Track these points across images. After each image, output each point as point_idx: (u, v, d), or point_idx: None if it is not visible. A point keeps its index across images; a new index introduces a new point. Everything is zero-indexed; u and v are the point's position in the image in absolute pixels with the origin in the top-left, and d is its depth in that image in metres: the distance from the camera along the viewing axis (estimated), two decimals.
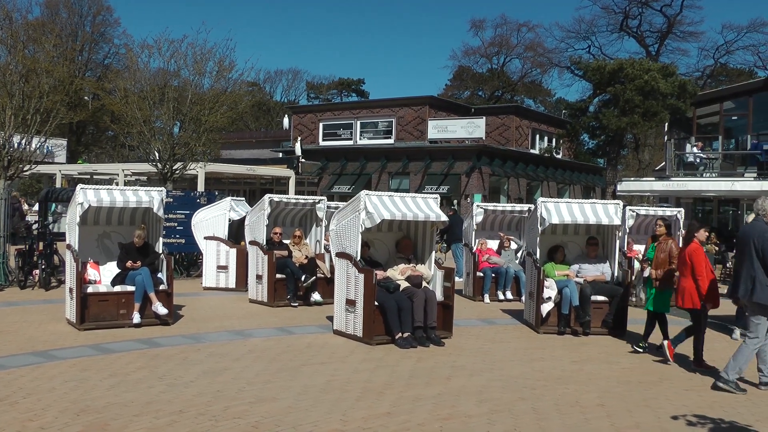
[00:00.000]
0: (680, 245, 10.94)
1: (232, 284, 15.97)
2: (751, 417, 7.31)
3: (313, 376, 8.24)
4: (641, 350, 10.41)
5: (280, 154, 48.64)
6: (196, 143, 24.44)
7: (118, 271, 11.49)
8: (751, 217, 11.09)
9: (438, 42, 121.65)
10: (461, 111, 48.27)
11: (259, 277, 14.07)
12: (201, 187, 36.21)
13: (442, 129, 43.58)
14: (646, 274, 14.09)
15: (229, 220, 16.50)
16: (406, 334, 10.25)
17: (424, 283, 11.05)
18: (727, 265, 22.46)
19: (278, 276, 13.79)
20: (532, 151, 47.77)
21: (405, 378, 8.33)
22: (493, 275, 15.64)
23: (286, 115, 53.58)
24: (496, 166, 40.96)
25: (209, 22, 37.62)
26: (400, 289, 10.70)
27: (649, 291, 10.66)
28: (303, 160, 42.32)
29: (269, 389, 7.61)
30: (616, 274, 12.37)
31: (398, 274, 11.01)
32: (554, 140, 49.72)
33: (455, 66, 78.21)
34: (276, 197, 14.58)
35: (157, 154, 24.25)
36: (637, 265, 15.92)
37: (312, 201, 15.08)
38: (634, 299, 14.93)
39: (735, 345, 11.41)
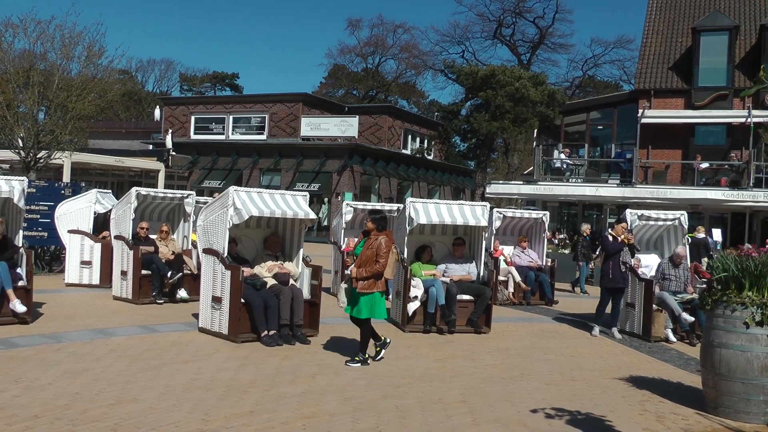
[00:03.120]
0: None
1: (96, 280, 15.42)
2: (606, 408, 7.66)
3: (176, 376, 8.09)
4: (358, 362, 9.19)
5: (151, 147, 47.46)
6: (62, 131, 23.39)
7: None
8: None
9: (314, 39, 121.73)
10: (335, 109, 48.42)
11: (123, 273, 13.70)
12: (66, 177, 34.91)
13: (315, 127, 43.60)
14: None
15: (95, 213, 15.99)
16: (272, 332, 10.22)
17: (291, 281, 11.03)
18: (590, 266, 23.29)
19: (144, 272, 13.46)
20: (404, 151, 48.34)
21: (270, 376, 8.30)
22: None
23: (158, 107, 52.45)
24: (367, 165, 41.25)
25: (79, 5, 36.32)
26: (267, 286, 10.65)
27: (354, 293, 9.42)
28: (174, 153, 41.45)
29: (130, 390, 7.42)
30: (481, 273, 12.69)
31: (265, 271, 10.94)
32: (426, 141, 50.47)
33: (330, 64, 78.44)
34: (143, 190, 14.24)
35: (20, 142, 23.20)
36: (503, 265, 16.41)
37: (180, 195, 14.82)
38: (499, 297, 15.43)
39: (594, 341, 11.96)
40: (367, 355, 9.27)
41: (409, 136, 50.34)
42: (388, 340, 9.69)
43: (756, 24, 31.74)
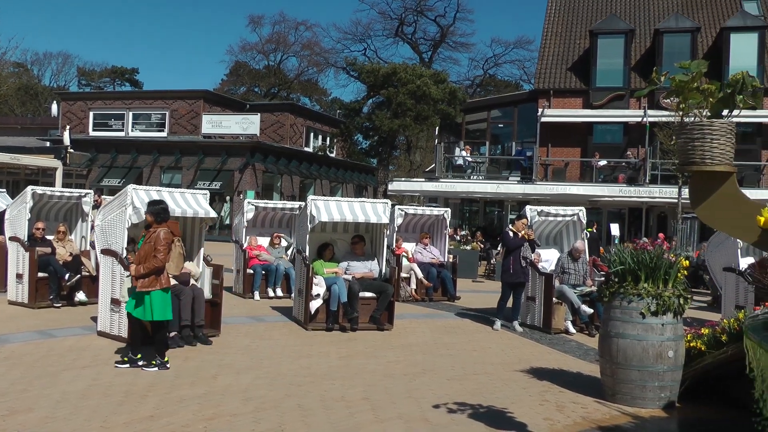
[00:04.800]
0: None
1: None
2: (507, 400, 7.77)
3: (74, 382, 7.82)
4: (126, 364, 8.60)
5: (48, 143, 45.90)
6: None
7: None
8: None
9: (215, 35, 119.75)
10: (236, 106, 47.88)
11: (19, 276, 13.17)
12: None
13: (217, 124, 43.02)
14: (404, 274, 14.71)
15: None
16: (173, 334, 9.99)
17: (192, 281, 10.83)
18: (492, 261, 23.70)
19: (40, 275, 12.98)
20: (306, 149, 48.15)
21: (170, 379, 8.12)
22: (263, 272, 15.60)
23: (55, 102, 50.74)
24: (269, 163, 40.94)
25: None
26: None
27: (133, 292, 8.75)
28: (71, 150, 40.23)
29: (25, 399, 7.12)
30: (383, 270, 12.71)
31: None
32: (328, 139, 50.38)
33: (232, 61, 77.41)
34: (39, 189, 13.73)
35: None
36: (405, 261, 16.49)
37: (78, 194, 14.38)
38: (402, 294, 15.51)
39: (495, 335, 12.11)
40: (166, 358, 8.64)
41: (312, 134, 50.19)
42: (168, 366, 8.61)
43: (651, 28, 32.77)
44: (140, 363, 8.55)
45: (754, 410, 3.27)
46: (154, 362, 8.59)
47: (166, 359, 8.65)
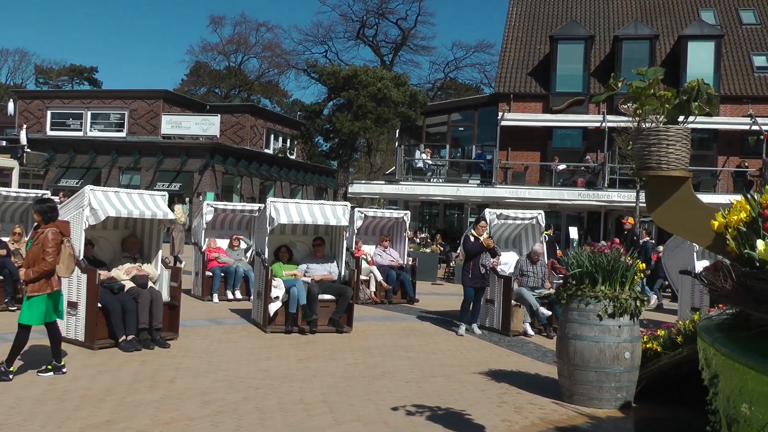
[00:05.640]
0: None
1: None
2: (465, 402, 7.80)
3: (28, 388, 7.68)
4: (50, 372, 8.26)
5: (4, 143, 45.24)
6: None
7: None
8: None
9: (176, 35, 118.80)
10: (196, 107, 47.57)
11: None
12: None
13: (176, 125, 42.68)
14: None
15: None
16: (130, 337, 9.90)
17: (150, 283, 10.73)
18: (451, 264, 23.79)
19: None
20: (266, 150, 47.97)
21: (127, 383, 8.03)
22: (222, 274, 15.51)
23: (11, 100, 49.96)
24: (229, 164, 40.70)
25: None
26: (125, 289, 10.32)
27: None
28: (28, 150, 39.70)
29: None
30: (343, 273, 12.70)
31: (123, 274, 10.60)
32: (289, 141, 50.25)
33: (192, 61, 76.88)
34: None
35: None
36: (365, 264, 16.49)
37: (35, 195, 14.18)
38: (361, 297, 15.51)
39: (454, 337, 12.15)
40: (62, 362, 8.35)
41: (272, 136, 50.01)
42: (65, 370, 8.33)
43: (610, 35, 33.17)
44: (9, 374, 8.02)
45: (708, 410, 3.32)
46: (49, 366, 8.28)
47: (62, 363, 8.38)
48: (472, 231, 12.84)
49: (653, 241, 21.40)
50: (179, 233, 20.37)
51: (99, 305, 9.89)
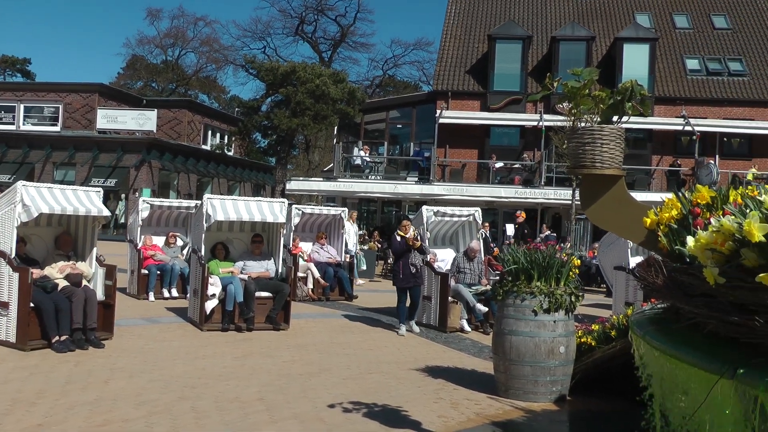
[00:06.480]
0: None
1: None
2: (402, 399, 7.82)
3: None
4: None
5: None
6: None
7: None
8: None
9: (112, 27, 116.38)
10: (133, 101, 46.83)
11: None
12: None
13: (112, 119, 41.92)
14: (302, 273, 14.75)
15: None
16: (64, 337, 9.69)
17: (84, 282, 10.53)
18: (389, 261, 23.82)
19: None
20: (203, 146, 47.51)
21: (61, 384, 7.86)
22: (159, 272, 15.32)
23: None
24: (166, 160, 40.22)
25: None
26: (59, 288, 10.11)
27: None
28: None
29: None
30: (280, 270, 12.65)
31: (57, 272, 10.37)
32: (226, 137, 49.81)
33: (129, 54, 75.39)
34: None
35: None
36: (302, 261, 16.45)
37: None
38: (298, 294, 15.47)
39: (392, 334, 12.18)
40: None
41: (210, 132, 49.55)
42: None
43: (548, 35, 33.64)
44: None
45: (640, 401, 3.39)
46: None
47: None
48: (398, 231, 12.77)
49: (554, 234, 21.90)
50: None
51: (31, 305, 9.64)
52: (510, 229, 26.58)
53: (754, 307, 2.46)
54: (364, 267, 21.89)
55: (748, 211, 2.64)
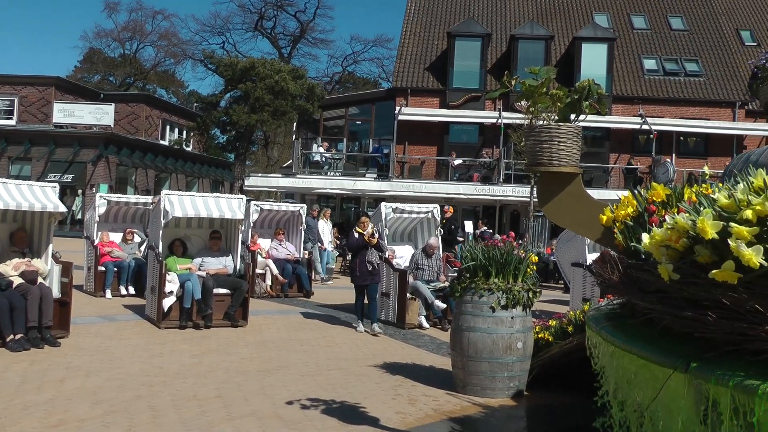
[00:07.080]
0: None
1: None
2: (360, 395, 7.83)
3: None
4: None
5: None
6: None
7: None
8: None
9: (69, 19, 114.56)
10: (90, 95, 46.22)
11: None
12: None
13: (69, 113, 41.35)
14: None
15: None
16: (18, 336, 9.54)
17: (39, 279, 10.39)
18: (347, 257, 23.80)
19: None
20: (162, 142, 47.06)
21: (15, 384, 7.73)
22: (116, 269, 15.15)
23: None
24: (124, 155, 39.78)
25: None
26: (13, 286, 9.96)
27: None
28: None
29: None
30: (238, 266, 12.59)
31: (11, 269, 10.20)
32: (185, 132, 49.41)
33: (86, 47, 74.39)
34: None
35: None
36: (260, 257, 16.38)
37: None
38: (257, 290, 15.42)
39: (350, 331, 12.18)
40: None
41: (168, 127, 49.08)
42: None
43: (507, 34, 33.88)
44: None
45: (597, 395, 3.43)
46: None
47: None
48: (357, 227, 12.69)
49: (491, 231, 22.15)
50: None
51: None
52: (468, 225, 26.72)
53: (707, 302, 2.50)
54: (333, 265, 21.91)
55: (702, 208, 2.68)
